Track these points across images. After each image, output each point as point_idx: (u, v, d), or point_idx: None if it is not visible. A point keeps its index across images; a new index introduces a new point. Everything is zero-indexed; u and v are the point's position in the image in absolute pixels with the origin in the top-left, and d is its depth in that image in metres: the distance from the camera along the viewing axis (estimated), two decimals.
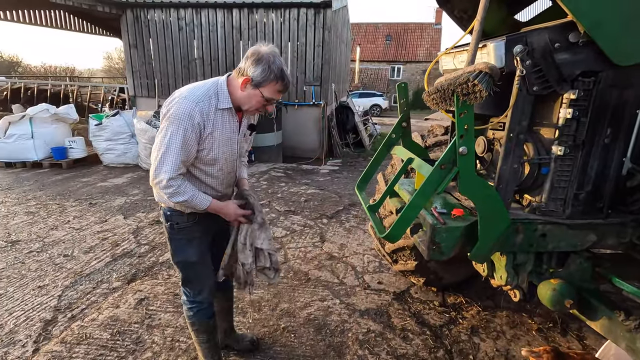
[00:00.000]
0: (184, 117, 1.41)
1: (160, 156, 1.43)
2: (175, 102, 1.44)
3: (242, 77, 1.46)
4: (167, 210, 1.62)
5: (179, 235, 1.65)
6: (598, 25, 1.28)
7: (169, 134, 1.42)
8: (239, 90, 1.49)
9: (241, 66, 1.47)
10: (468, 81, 1.21)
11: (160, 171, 1.44)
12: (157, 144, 1.46)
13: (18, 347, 2.13)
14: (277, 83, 1.46)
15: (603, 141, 1.46)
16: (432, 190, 1.42)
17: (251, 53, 1.45)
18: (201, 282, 1.74)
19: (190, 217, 1.62)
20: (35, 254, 3.27)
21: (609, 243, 1.60)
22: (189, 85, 1.52)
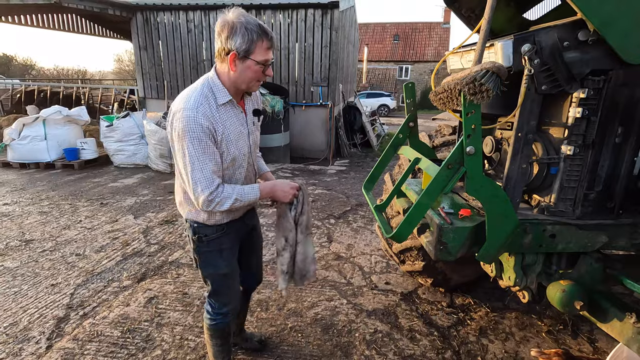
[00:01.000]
0: (191, 128, 1.31)
1: (190, 176, 1.35)
2: (177, 118, 1.34)
3: (227, 56, 1.32)
4: (194, 223, 1.55)
5: (208, 248, 1.58)
6: (608, 23, 1.26)
7: (186, 151, 1.33)
8: (230, 73, 1.35)
9: (218, 47, 1.34)
10: (475, 81, 1.20)
11: (197, 192, 1.36)
12: (180, 167, 1.39)
13: (32, 343, 2.18)
14: (263, 41, 1.31)
15: (614, 140, 1.44)
16: (439, 190, 1.41)
17: (220, 27, 1.30)
18: (230, 294, 1.71)
19: (218, 228, 1.56)
20: (48, 252, 3.34)
21: (621, 244, 1.58)
22: (180, 96, 1.41)
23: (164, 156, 6.22)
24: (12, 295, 2.66)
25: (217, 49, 1.35)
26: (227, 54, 1.31)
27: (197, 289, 2.77)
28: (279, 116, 6.83)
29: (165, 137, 6.01)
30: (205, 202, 1.37)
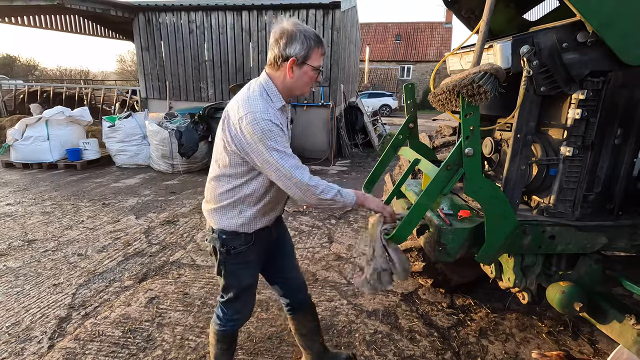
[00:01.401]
0: (270, 128, 1.31)
1: (285, 173, 1.33)
2: (249, 122, 1.32)
3: (284, 63, 1.36)
4: (223, 234, 1.52)
5: (235, 260, 1.55)
6: (607, 24, 1.27)
7: (271, 152, 1.32)
8: (286, 79, 1.39)
9: (275, 54, 1.37)
10: (473, 82, 1.20)
11: (299, 184, 1.34)
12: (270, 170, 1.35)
13: (34, 343, 2.20)
14: (318, 47, 1.38)
15: (613, 142, 1.44)
16: (438, 191, 1.42)
17: (279, 35, 1.34)
18: (247, 304, 1.70)
19: (247, 238, 1.53)
20: (50, 252, 3.36)
21: (620, 245, 1.57)
22: (239, 101, 1.40)
23: (165, 156, 6.24)
24: (15, 295, 2.68)
25: (272, 56, 1.38)
26: (285, 60, 1.35)
27: (197, 289, 2.78)
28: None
29: (166, 138, 6.04)
30: (310, 190, 1.34)
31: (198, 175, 6.21)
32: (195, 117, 6.29)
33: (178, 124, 6.21)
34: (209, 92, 8.46)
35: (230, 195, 1.49)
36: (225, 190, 1.49)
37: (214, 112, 6.16)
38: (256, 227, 1.54)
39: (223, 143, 1.43)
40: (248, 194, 1.47)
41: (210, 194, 1.56)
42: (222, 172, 1.48)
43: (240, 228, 1.51)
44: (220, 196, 1.51)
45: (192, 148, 6.00)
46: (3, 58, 26.06)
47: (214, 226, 1.55)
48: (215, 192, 1.53)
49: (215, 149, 1.53)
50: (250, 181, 1.46)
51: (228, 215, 1.51)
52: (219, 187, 1.51)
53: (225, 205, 1.51)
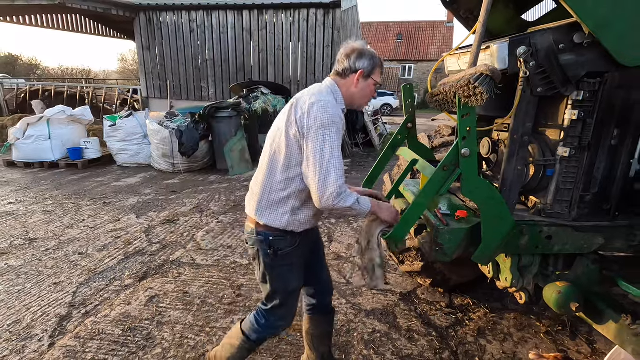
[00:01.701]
0: (335, 120, 1.39)
1: (326, 168, 1.35)
2: (319, 108, 1.38)
3: (353, 74, 1.49)
4: (270, 235, 1.52)
5: (282, 262, 1.54)
6: (603, 25, 1.27)
7: (327, 142, 1.36)
8: (352, 88, 1.51)
9: (344, 67, 1.50)
10: (469, 84, 1.21)
11: (329, 182, 1.35)
12: (315, 156, 1.36)
13: (35, 341, 2.21)
14: (381, 67, 1.55)
15: (610, 142, 1.45)
16: (435, 192, 1.43)
17: (350, 51, 1.50)
18: (292, 309, 1.69)
19: (292, 240, 1.54)
20: (51, 251, 3.38)
21: (617, 246, 1.58)
22: (311, 92, 1.48)
23: (166, 156, 6.26)
24: (16, 294, 2.70)
25: (340, 68, 1.52)
26: (353, 72, 1.50)
27: (197, 288, 2.79)
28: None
29: (167, 137, 6.06)
30: (334, 193, 1.35)
31: (198, 175, 6.23)
32: (196, 117, 6.30)
33: (179, 123, 6.23)
34: (210, 92, 8.48)
35: (283, 188, 1.48)
36: (279, 182, 1.48)
37: (214, 111, 6.17)
38: (305, 227, 1.54)
39: (285, 128, 1.44)
40: (301, 189, 1.47)
41: (258, 191, 1.53)
42: (276, 166, 1.48)
43: (289, 226, 1.51)
44: (272, 191, 1.50)
45: (193, 147, 6.02)
46: (5, 57, 26.14)
47: (264, 222, 1.52)
48: (267, 187, 1.51)
49: (269, 144, 1.53)
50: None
51: (279, 212, 1.50)
52: (271, 182, 1.50)
53: (277, 200, 1.50)
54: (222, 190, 5.32)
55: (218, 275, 2.98)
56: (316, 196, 1.38)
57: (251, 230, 1.56)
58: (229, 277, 2.95)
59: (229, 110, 6.23)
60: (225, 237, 3.73)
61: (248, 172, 6.36)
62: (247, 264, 3.18)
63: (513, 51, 1.36)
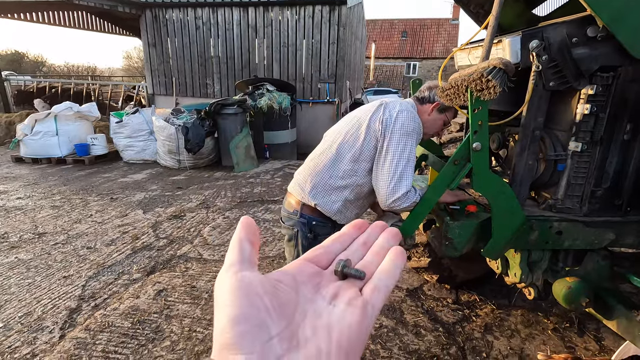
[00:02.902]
0: (417, 132, 1.49)
1: (400, 171, 1.44)
2: (406, 117, 1.48)
3: (429, 104, 1.62)
4: (313, 219, 1.56)
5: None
6: (617, 18, 1.26)
7: (408, 149, 1.45)
8: (426, 115, 1.63)
9: (424, 96, 1.64)
10: (482, 77, 1.21)
11: (399, 186, 1.43)
12: (393, 159, 1.44)
13: (46, 332, 2.24)
14: (455, 110, 1.64)
15: (622, 137, 1.43)
16: (445, 186, 1.42)
17: (433, 85, 1.64)
18: None
19: (332, 228, 1.58)
20: (60, 245, 3.41)
21: (628, 242, 1.57)
22: (395, 100, 1.60)
23: (172, 152, 6.29)
24: (27, 287, 2.73)
25: (422, 96, 1.65)
26: (431, 102, 1.63)
27: (204, 282, 2.82)
28: (286, 113, 6.86)
29: (173, 134, 6.08)
30: (401, 198, 1.44)
31: (204, 171, 6.25)
32: (202, 113, 6.32)
33: (184, 120, 6.25)
34: (215, 88, 8.50)
35: (344, 176, 1.52)
36: (341, 170, 1.52)
37: (220, 108, 6.19)
38: (347, 220, 1.57)
39: (368, 122, 1.50)
40: (360, 184, 1.53)
41: (317, 173, 1.55)
42: (346, 155, 1.51)
43: (335, 215, 1.55)
44: (333, 176, 1.53)
45: (199, 144, 6.04)
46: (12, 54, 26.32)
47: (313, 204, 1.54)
48: (328, 172, 1.53)
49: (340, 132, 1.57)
50: (369, 172, 1.53)
51: (332, 198, 1.53)
52: (334, 165, 1.53)
53: (335, 186, 1.53)
54: (227, 187, 5.34)
55: None
56: (383, 197, 1.46)
57: (294, 211, 1.59)
58: None
59: (235, 107, 6.24)
60: (232, 232, 3.75)
61: (253, 168, 6.38)
62: None
63: (525, 45, 1.35)
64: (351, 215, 1.61)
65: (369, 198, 1.63)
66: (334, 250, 0.34)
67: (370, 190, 1.58)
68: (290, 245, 1.63)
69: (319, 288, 0.30)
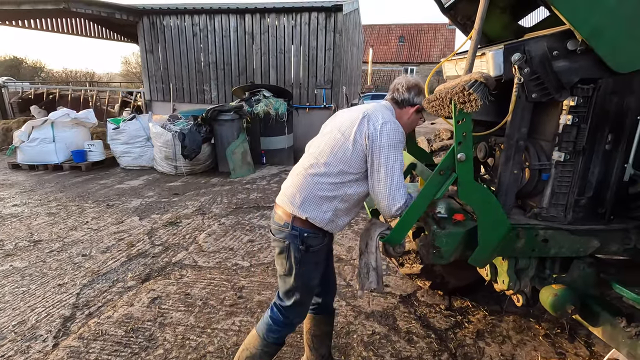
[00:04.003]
0: (401, 142, 1.52)
1: (396, 183, 1.47)
2: (391, 129, 1.49)
3: (410, 107, 1.65)
4: (305, 232, 1.56)
5: (310, 259, 1.60)
6: (596, 33, 1.30)
7: (398, 162, 1.49)
8: (405, 117, 1.66)
9: (404, 98, 1.64)
10: (464, 90, 1.24)
11: (397, 197, 1.47)
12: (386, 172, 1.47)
13: (39, 341, 2.25)
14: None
15: (604, 147, 1.47)
16: (432, 195, 1.45)
17: (411, 85, 1.64)
18: (307, 305, 1.75)
19: (323, 238, 1.61)
20: (55, 253, 3.42)
21: (613, 249, 1.60)
22: (375, 109, 1.59)
23: (169, 158, 6.31)
24: (21, 295, 2.74)
25: (399, 98, 1.65)
26: (411, 105, 1.65)
27: (199, 290, 2.83)
28: (282, 119, 6.89)
29: (170, 140, 6.11)
30: (402, 207, 1.48)
31: (201, 177, 6.27)
32: (199, 119, 6.36)
33: (181, 126, 6.28)
34: (212, 95, 8.54)
35: (333, 189, 1.54)
36: (330, 183, 1.53)
37: (217, 114, 6.22)
38: (338, 229, 1.63)
39: (354, 136, 1.52)
40: (350, 193, 1.56)
41: (306, 186, 1.56)
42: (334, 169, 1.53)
43: (327, 225, 1.57)
44: (322, 189, 1.54)
45: (195, 150, 6.06)
46: (10, 60, 26.36)
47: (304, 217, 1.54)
48: (317, 186, 1.54)
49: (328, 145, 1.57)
50: (357, 182, 1.55)
51: (322, 209, 1.54)
52: (323, 179, 1.54)
53: (324, 198, 1.54)
54: (224, 193, 5.36)
55: (220, 277, 3.01)
56: (385, 209, 1.50)
57: (285, 223, 1.58)
58: (231, 279, 2.98)
59: (231, 113, 6.27)
60: (227, 239, 3.77)
61: (250, 174, 6.40)
62: (248, 266, 3.21)
63: (508, 58, 1.39)
64: (342, 223, 1.63)
65: (358, 205, 1.65)
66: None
67: (359, 198, 1.61)
68: (281, 257, 1.62)
69: None
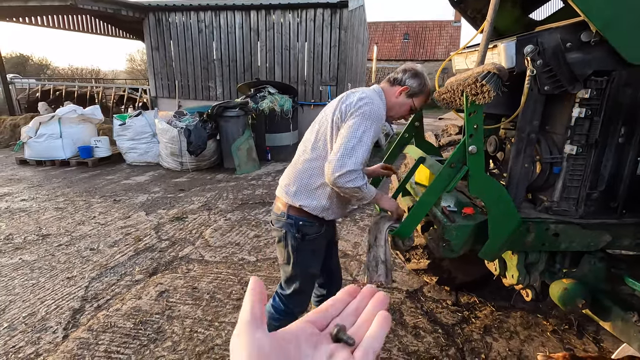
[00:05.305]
0: (376, 116, 1.49)
1: (350, 148, 1.42)
2: (367, 102, 1.49)
3: (399, 86, 1.62)
4: (300, 220, 1.59)
5: (307, 247, 1.63)
6: (610, 24, 1.28)
7: (361, 129, 1.44)
8: (393, 97, 1.63)
9: (397, 77, 1.64)
10: (476, 81, 1.23)
11: (347, 162, 1.40)
12: (346, 136, 1.43)
13: (49, 333, 2.28)
14: (426, 96, 1.66)
15: (617, 141, 1.45)
16: (442, 189, 1.45)
17: (409, 68, 1.63)
18: (308, 294, 1.76)
19: (320, 227, 1.62)
20: (64, 247, 3.45)
21: (625, 244, 1.58)
22: (362, 89, 1.60)
23: (174, 154, 6.33)
24: (30, 287, 2.77)
25: (393, 77, 1.65)
26: (401, 85, 1.63)
27: (206, 283, 2.84)
28: (287, 115, 6.89)
29: (176, 136, 6.13)
30: (346, 174, 1.41)
31: (206, 173, 6.29)
32: (204, 116, 6.37)
33: (187, 123, 6.30)
34: (218, 91, 8.55)
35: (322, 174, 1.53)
36: (320, 167, 1.54)
37: (222, 110, 6.23)
38: (334, 216, 1.62)
39: (331, 117, 1.52)
40: None
41: (299, 175, 1.59)
42: (320, 152, 1.55)
43: (322, 212, 1.58)
44: (312, 176, 1.56)
45: (201, 146, 6.08)
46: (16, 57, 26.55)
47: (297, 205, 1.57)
48: (308, 172, 1.57)
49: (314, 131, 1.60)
50: None
51: (316, 196, 1.57)
52: (313, 164, 1.56)
53: (316, 186, 1.56)
54: (229, 189, 5.38)
55: (226, 272, 3.02)
56: (329, 171, 1.42)
57: (282, 213, 1.62)
58: (237, 274, 2.99)
59: (237, 109, 6.28)
60: (233, 234, 3.78)
61: (255, 170, 6.41)
62: (254, 260, 3.22)
63: (520, 50, 1.38)
64: (337, 210, 1.63)
65: None
66: (331, 314, 0.40)
67: None
68: (280, 246, 1.67)
69: (317, 346, 0.36)
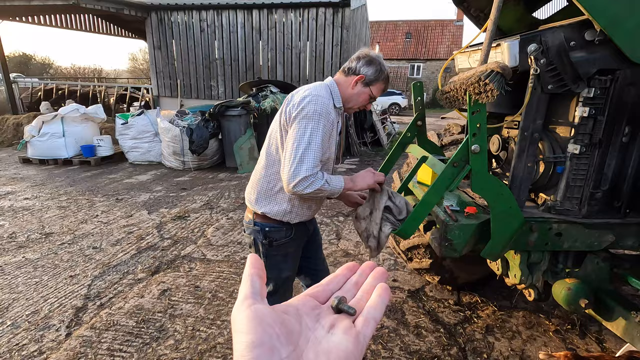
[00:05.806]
0: (322, 114, 1.40)
1: (300, 155, 1.36)
2: (309, 101, 1.40)
3: (354, 75, 1.52)
4: (266, 226, 1.58)
5: (276, 252, 1.62)
6: (615, 23, 1.27)
7: (308, 132, 1.37)
8: (349, 88, 1.54)
9: (351, 66, 1.54)
10: (480, 80, 1.23)
11: (299, 170, 1.36)
12: (293, 143, 1.38)
13: (52, 331, 2.29)
14: (384, 83, 1.56)
15: (621, 140, 1.44)
16: (445, 188, 1.44)
17: (363, 55, 1.53)
18: (284, 296, 1.75)
19: (288, 231, 1.60)
20: (66, 245, 3.47)
21: (628, 243, 1.58)
22: (308, 86, 1.52)
23: (176, 153, 6.35)
24: (34, 285, 2.78)
25: (347, 66, 1.56)
26: (355, 74, 1.53)
27: (208, 282, 2.85)
28: None
29: (178, 135, 6.14)
30: (301, 182, 1.37)
31: (208, 172, 6.30)
32: (206, 115, 6.38)
33: (189, 122, 6.31)
34: (220, 90, 8.56)
35: (279, 178, 1.50)
36: (275, 172, 1.51)
37: (224, 109, 6.24)
38: (300, 219, 1.59)
39: (279, 120, 1.48)
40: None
41: (258, 182, 1.58)
42: (274, 158, 1.52)
43: (285, 217, 1.55)
44: (270, 182, 1.54)
45: (203, 145, 6.09)
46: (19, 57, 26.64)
47: (260, 212, 1.57)
48: (265, 179, 1.55)
49: (268, 137, 1.57)
50: None
51: (276, 201, 1.55)
52: (269, 170, 1.54)
53: (275, 191, 1.54)
54: (231, 188, 5.38)
55: (228, 271, 3.03)
56: (285, 182, 1.39)
57: (249, 220, 1.63)
58: (239, 272, 3.00)
59: (239, 108, 6.29)
60: (235, 233, 3.79)
61: None
62: None
63: (524, 48, 1.37)
64: (302, 212, 1.58)
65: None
66: (331, 288, 0.40)
67: None
68: (252, 252, 1.68)
69: (318, 319, 0.36)
